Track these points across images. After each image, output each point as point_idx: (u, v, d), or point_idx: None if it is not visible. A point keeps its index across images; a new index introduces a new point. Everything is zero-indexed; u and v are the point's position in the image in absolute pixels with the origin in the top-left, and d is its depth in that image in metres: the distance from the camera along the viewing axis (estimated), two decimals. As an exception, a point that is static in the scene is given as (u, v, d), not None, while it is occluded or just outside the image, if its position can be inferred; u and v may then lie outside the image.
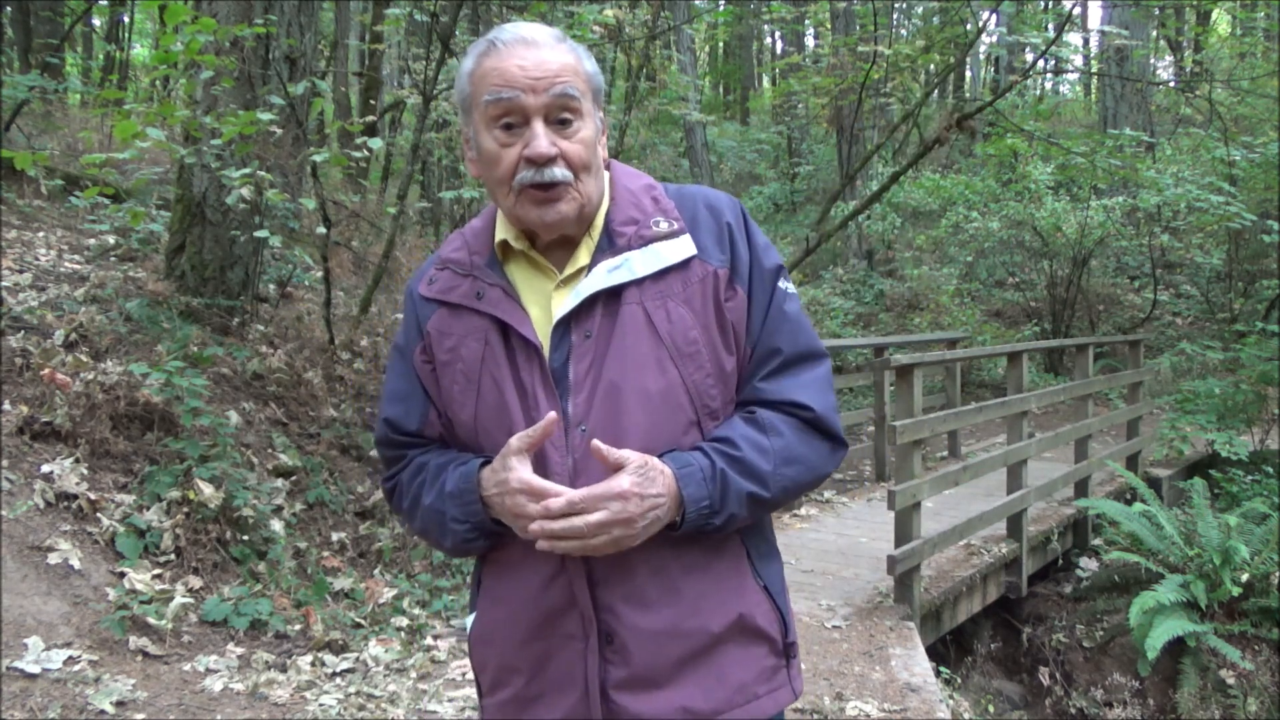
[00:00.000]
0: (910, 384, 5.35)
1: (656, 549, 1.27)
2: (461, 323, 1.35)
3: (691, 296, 1.30)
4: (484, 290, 1.34)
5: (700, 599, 1.30)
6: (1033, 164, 11.90)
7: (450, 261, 1.40)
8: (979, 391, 11.04)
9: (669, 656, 1.29)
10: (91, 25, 14.18)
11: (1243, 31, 17.43)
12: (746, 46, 23.84)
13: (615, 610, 1.28)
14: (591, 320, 1.29)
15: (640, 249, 1.31)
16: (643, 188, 1.38)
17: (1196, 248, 12.55)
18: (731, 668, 1.32)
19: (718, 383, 1.31)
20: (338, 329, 6.31)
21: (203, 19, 4.56)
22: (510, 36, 1.30)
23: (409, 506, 1.40)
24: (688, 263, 1.31)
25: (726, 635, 1.32)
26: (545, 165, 1.27)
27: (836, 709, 3.57)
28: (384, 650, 3.93)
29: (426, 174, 11.03)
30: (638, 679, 1.29)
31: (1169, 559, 5.57)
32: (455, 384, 1.35)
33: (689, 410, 1.29)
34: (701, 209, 1.36)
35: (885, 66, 9.28)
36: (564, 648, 1.31)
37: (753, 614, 1.34)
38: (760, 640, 1.35)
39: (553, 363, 1.30)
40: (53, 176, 7.16)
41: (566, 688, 1.31)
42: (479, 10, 9.05)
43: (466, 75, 1.32)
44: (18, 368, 4.54)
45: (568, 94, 1.28)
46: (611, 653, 1.28)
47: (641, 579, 1.28)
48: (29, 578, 3.67)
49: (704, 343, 1.30)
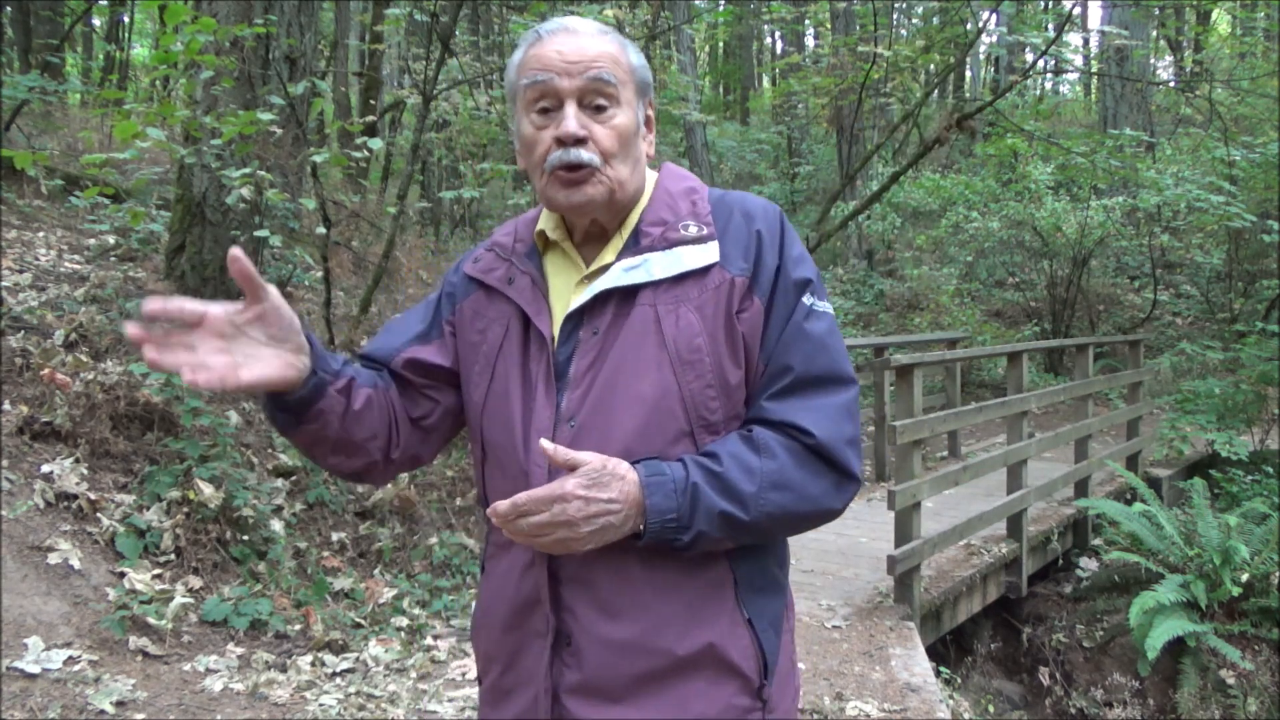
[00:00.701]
0: (910, 384, 5.36)
1: (622, 558, 1.23)
2: (494, 307, 1.36)
3: (705, 304, 1.25)
4: (515, 276, 1.35)
5: (669, 618, 1.24)
6: (1033, 164, 11.90)
7: (497, 245, 1.41)
8: (979, 391, 11.04)
9: (627, 671, 1.23)
10: (91, 25, 14.18)
11: (1243, 31, 17.43)
12: (746, 46, 23.84)
13: (575, 612, 1.25)
14: (602, 317, 1.28)
15: (663, 251, 1.28)
16: (684, 190, 1.35)
17: (1196, 248, 12.55)
18: (694, 699, 1.24)
19: (719, 395, 1.25)
20: (338, 329, 6.31)
21: (203, 19, 4.56)
22: (554, 26, 1.30)
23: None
24: (708, 269, 1.27)
25: (693, 662, 1.24)
26: (573, 146, 1.26)
27: (836, 709, 3.57)
28: (384, 650, 3.93)
29: (426, 174, 11.04)
30: (591, 687, 1.24)
31: (1169, 559, 5.57)
32: (476, 364, 1.35)
33: (682, 419, 1.24)
34: (736, 215, 1.32)
35: (885, 66, 9.27)
36: (530, 643, 1.29)
37: (725, 646, 1.25)
38: (731, 676, 1.26)
39: (559, 356, 1.29)
40: (53, 176, 7.16)
41: (529, 683, 1.29)
42: (479, 10, 9.04)
43: (514, 65, 1.32)
44: (18, 368, 4.54)
45: (602, 79, 1.27)
46: (569, 655, 1.25)
47: (605, 585, 1.24)
48: (29, 578, 3.67)
49: (708, 351, 1.24)
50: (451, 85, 7.10)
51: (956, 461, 7.15)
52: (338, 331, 6.28)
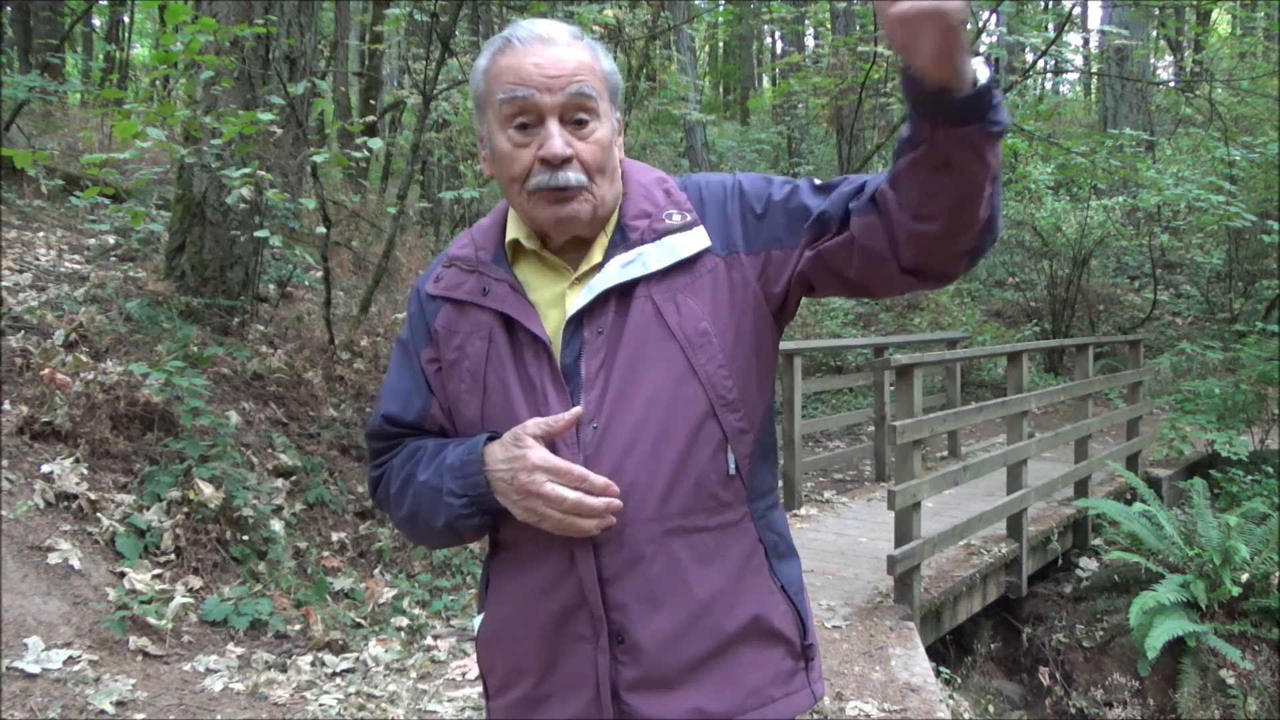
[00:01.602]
0: (910, 384, 5.35)
1: (668, 545, 1.25)
2: (467, 320, 1.34)
3: (701, 288, 1.28)
4: (490, 286, 1.32)
5: (715, 598, 1.27)
6: (1033, 164, 11.91)
7: (457, 259, 1.38)
8: (979, 391, 11.04)
9: (682, 657, 1.26)
10: (91, 25, 14.18)
11: (1243, 31, 17.43)
12: (746, 46, 23.82)
13: (626, 609, 1.25)
14: (604, 317, 1.28)
15: (654, 242, 1.29)
16: (655, 180, 1.37)
17: (1196, 248, 12.56)
18: (746, 670, 1.29)
19: (731, 373, 1.28)
20: (338, 329, 6.31)
21: (203, 19, 4.56)
22: (527, 34, 1.28)
23: (398, 490, 1.35)
24: (697, 256, 1.29)
25: (742, 636, 1.29)
26: (560, 168, 1.25)
27: (836, 709, 3.57)
28: (384, 650, 3.93)
29: (426, 174, 11.04)
30: (649, 680, 1.26)
31: (1169, 559, 5.57)
32: (462, 382, 1.33)
33: (704, 401, 1.26)
34: (706, 198, 1.35)
35: (885, 66, 9.28)
36: (574, 648, 1.28)
37: (769, 614, 1.31)
38: (777, 642, 1.32)
39: (564, 359, 1.28)
40: (53, 176, 7.16)
41: (577, 688, 1.28)
42: (479, 10, 9.05)
43: (481, 72, 1.30)
44: (18, 368, 4.54)
45: (584, 93, 1.26)
46: (622, 653, 1.25)
47: (653, 576, 1.25)
48: (29, 578, 3.67)
49: (715, 333, 1.27)
50: (451, 85, 7.10)
51: (956, 461, 7.15)
52: (338, 331, 6.28)
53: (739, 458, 1.29)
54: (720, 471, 1.28)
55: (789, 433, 6.41)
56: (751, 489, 1.32)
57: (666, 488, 1.25)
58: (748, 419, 1.30)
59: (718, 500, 1.28)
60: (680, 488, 1.25)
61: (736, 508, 1.30)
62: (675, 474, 1.25)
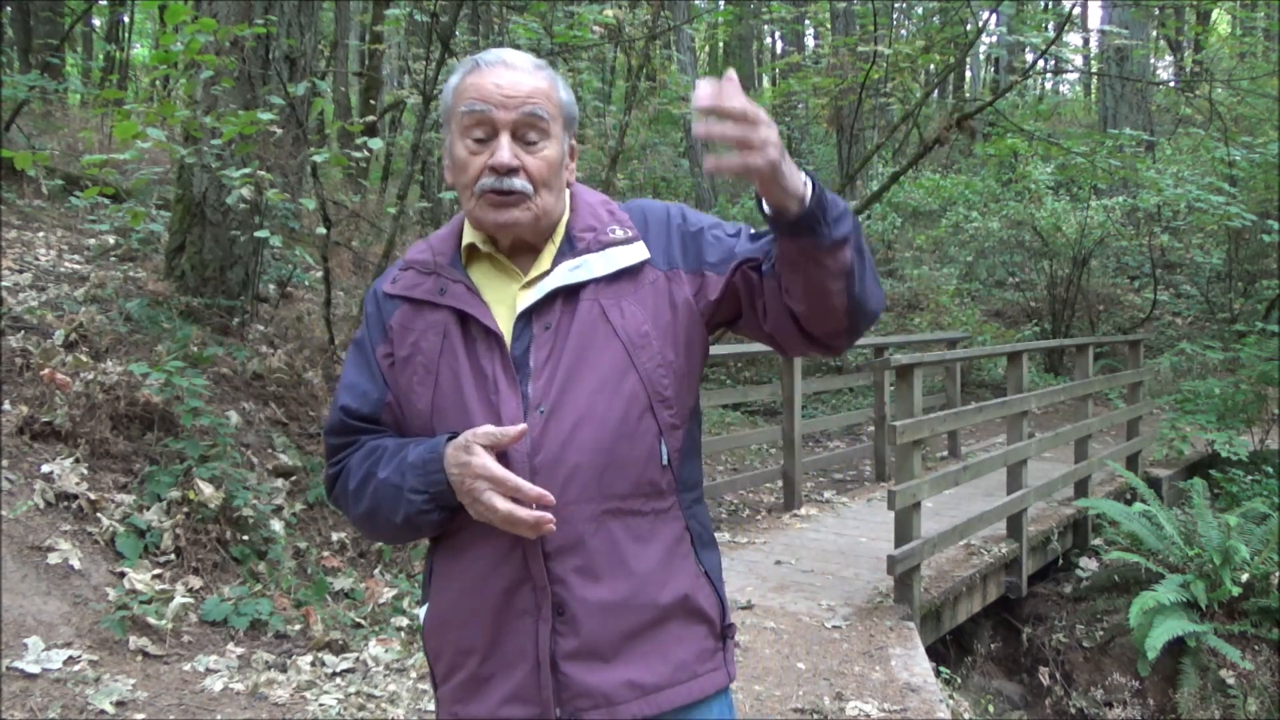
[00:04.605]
0: (910, 384, 5.35)
1: (607, 525, 1.36)
2: (423, 318, 1.44)
3: (644, 298, 1.42)
4: (447, 286, 1.44)
5: (650, 574, 1.38)
6: (1033, 164, 11.90)
7: (414, 262, 1.50)
8: (979, 391, 11.04)
9: (617, 629, 1.36)
10: (91, 25, 14.18)
11: (1243, 31, 17.44)
12: (746, 46, 23.80)
13: (567, 582, 1.35)
14: (552, 313, 1.40)
15: (598, 252, 1.42)
16: (600, 201, 1.51)
17: (1196, 248, 12.56)
18: (674, 645, 1.40)
19: (668, 373, 1.40)
20: (338, 329, 6.31)
21: (203, 19, 4.56)
22: (493, 58, 1.42)
23: (356, 486, 1.43)
24: (640, 267, 1.43)
25: (672, 611, 1.39)
26: (506, 175, 1.38)
27: (836, 709, 3.57)
28: (384, 650, 3.93)
29: (426, 174, 11.04)
30: (586, 650, 1.35)
31: (1169, 559, 5.57)
32: (415, 375, 1.43)
33: (643, 395, 1.38)
34: (649, 220, 1.48)
35: (885, 66, 9.28)
36: (517, 623, 1.37)
37: (696, 595, 1.42)
38: (701, 620, 1.43)
39: (514, 351, 1.39)
40: (53, 176, 7.16)
41: (518, 662, 1.37)
42: (479, 10, 9.05)
43: (450, 90, 1.44)
44: (18, 368, 4.54)
45: (536, 114, 1.39)
46: (562, 624, 1.35)
47: (593, 551, 1.35)
48: (29, 578, 3.67)
49: (655, 336, 1.40)
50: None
51: (956, 461, 7.15)
52: (338, 331, 6.28)
53: (671, 451, 1.41)
54: (655, 461, 1.39)
55: (789, 432, 6.41)
56: (681, 480, 1.44)
57: (607, 471, 1.35)
58: (679, 416, 1.43)
59: (654, 487, 1.39)
60: (619, 472, 1.36)
61: (668, 496, 1.42)
62: (615, 459, 1.36)
